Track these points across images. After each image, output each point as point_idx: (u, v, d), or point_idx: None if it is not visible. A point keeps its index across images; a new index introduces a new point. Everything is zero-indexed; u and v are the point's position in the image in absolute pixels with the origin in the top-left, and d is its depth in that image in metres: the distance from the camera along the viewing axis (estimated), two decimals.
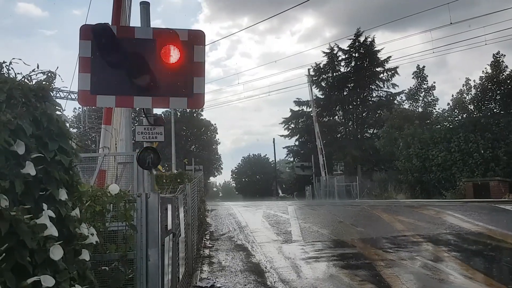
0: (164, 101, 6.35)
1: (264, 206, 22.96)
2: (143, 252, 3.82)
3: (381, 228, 13.69)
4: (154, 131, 6.98)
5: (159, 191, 9.40)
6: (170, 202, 5.10)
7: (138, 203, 3.89)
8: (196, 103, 6.45)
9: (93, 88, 5.83)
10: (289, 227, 14.45)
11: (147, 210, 3.91)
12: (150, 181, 6.86)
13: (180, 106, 6.91)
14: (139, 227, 3.85)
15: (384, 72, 45.00)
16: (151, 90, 6.16)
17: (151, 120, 6.90)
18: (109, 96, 5.97)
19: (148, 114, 6.86)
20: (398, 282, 7.81)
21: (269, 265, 9.47)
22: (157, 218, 3.93)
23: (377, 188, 32.68)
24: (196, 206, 12.03)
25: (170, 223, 4.85)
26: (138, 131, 6.90)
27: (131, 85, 6.05)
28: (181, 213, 6.97)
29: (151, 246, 3.85)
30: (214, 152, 61.32)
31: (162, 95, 6.24)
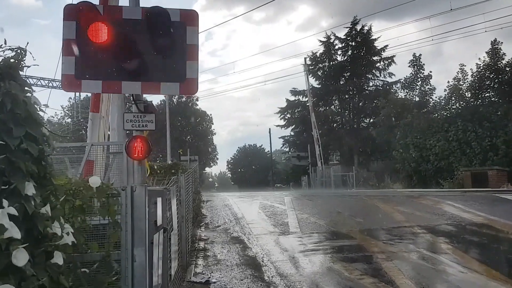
0: (154, 86, 5.97)
1: (260, 196, 22.65)
2: (128, 251, 3.45)
3: (380, 219, 13.40)
4: (144, 118, 6.57)
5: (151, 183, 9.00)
6: (160, 195, 4.73)
7: (123, 197, 3.51)
8: (189, 89, 6.05)
9: (78, 72, 5.44)
10: (286, 218, 14.14)
11: (133, 205, 3.53)
12: (140, 173, 6.48)
13: (172, 92, 6.50)
14: (123, 224, 3.47)
15: (380, 61, 44.54)
16: (140, 75, 5.77)
17: (141, 107, 6.49)
18: (95, 81, 5.58)
19: (138, 101, 6.44)
20: (400, 275, 7.50)
21: (266, 258, 9.15)
22: (144, 214, 3.54)
23: (374, 178, 32.46)
24: (190, 197, 11.67)
25: (160, 218, 4.48)
26: (127, 118, 6.48)
27: (119, 69, 5.66)
28: (174, 206, 6.60)
29: (137, 245, 3.47)
30: (210, 142, 60.83)
31: (152, 80, 5.86)
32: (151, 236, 3.81)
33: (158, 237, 4.26)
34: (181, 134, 54.93)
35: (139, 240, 3.47)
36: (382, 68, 44.68)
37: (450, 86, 33.10)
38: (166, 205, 5.17)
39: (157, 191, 4.50)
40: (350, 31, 43.57)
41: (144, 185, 3.55)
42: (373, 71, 44.67)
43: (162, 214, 4.78)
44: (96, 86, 5.71)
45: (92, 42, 5.28)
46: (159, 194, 4.50)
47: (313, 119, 38.93)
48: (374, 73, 44.75)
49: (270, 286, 7.23)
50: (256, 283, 7.40)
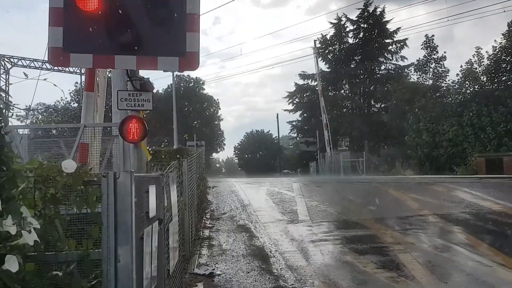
0: (151, 61, 5.36)
1: (267, 183, 22.11)
2: (110, 250, 2.87)
3: (394, 207, 12.79)
4: (141, 97, 5.98)
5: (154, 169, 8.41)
6: (154, 183, 4.14)
7: (104, 185, 2.91)
8: (190, 64, 5.42)
9: (66, 44, 4.84)
10: (295, 205, 13.57)
11: (116, 195, 2.93)
12: (136, 157, 5.91)
13: (170, 68, 5.87)
14: (105, 218, 2.88)
15: (393, 44, 43.33)
16: (135, 48, 5.15)
17: (136, 84, 5.88)
18: (85, 55, 5.00)
19: (133, 78, 5.84)
20: (419, 269, 6.92)
21: (274, 248, 8.61)
22: (129, 205, 2.95)
23: (384, 164, 31.70)
24: (195, 183, 11.13)
25: (153, 208, 3.89)
26: (121, 97, 5.89)
27: (112, 41, 5.06)
28: (174, 193, 6.02)
29: (121, 243, 2.89)
30: (217, 128, 60.24)
31: (148, 54, 5.25)
32: (140, 230, 3.23)
33: (151, 230, 3.68)
34: (188, 119, 54.38)
35: (123, 236, 2.88)
36: (394, 51, 43.52)
37: (464, 70, 31.96)
38: (162, 193, 4.59)
39: (149, 178, 3.90)
40: (362, 13, 42.28)
41: (130, 172, 2.94)
42: (385, 54, 43.47)
43: (157, 203, 4.21)
44: (86, 60, 5.14)
45: (81, 11, 4.77)
46: (152, 181, 3.91)
47: (322, 103, 38.04)
48: (386, 56, 43.58)
49: (279, 279, 6.69)
50: (264, 276, 6.86)
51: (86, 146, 8.67)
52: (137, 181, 3.38)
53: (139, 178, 3.55)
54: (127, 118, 5.49)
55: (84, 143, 8.62)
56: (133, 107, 5.80)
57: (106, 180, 2.93)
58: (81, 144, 8.64)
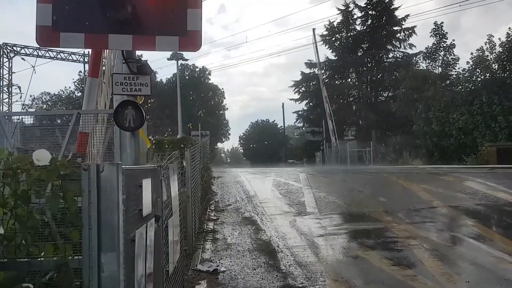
0: (148, 41, 4.92)
1: (273, 173, 21.67)
2: (93, 258, 2.41)
3: (406, 199, 12.29)
4: (138, 81, 5.49)
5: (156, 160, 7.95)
6: (151, 175, 3.68)
7: (84, 180, 2.44)
8: (191, 44, 4.95)
9: (56, 23, 4.44)
10: (302, 197, 13.12)
11: (100, 191, 2.46)
12: (133, 147, 5.44)
13: (169, 48, 5.38)
14: (85, 219, 2.42)
15: (401, 31, 42.34)
16: (131, 27, 4.72)
17: (133, 67, 5.39)
18: (77, 34, 4.59)
19: (130, 59, 5.35)
20: (439, 267, 6.44)
21: (281, 243, 8.17)
22: (115, 204, 2.48)
23: (392, 154, 31.11)
24: (198, 174, 10.69)
25: (148, 205, 3.43)
26: (116, 81, 5.40)
27: (106, 19, 4.64)
28: (175, 186, 5.56)
29: (106, 249, 2.43)
30: (222, 117, 59.69)
31: (146, 33, 4.82)
32: (130, 232, 2.78)
33: (145, 230, 3.22)
34: (192, 108, 53.88)
35: (109, 240, 2.43)
36: (402, 39, 42.56)
37: (475, 58, 31.09)
38: (160, 187, 4.14)
39: (144, 171, 3.43)
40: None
41: (117, 164, 2.47)
42: (393, 42, 42.53)
43: (154, 199, 3.75)
44: (77, 40, 4.70)
45: None
46: (147, 174, 3.44)
47: (324, 93, 37.45)
48: (394, 44, 42.65)
49: (288, 277, 6.25)
50: (271, 274, 6.42)
51: (85, 136, 8.20)
52: (128, 174, 2.91)
53: (130, 171, 3.09)
54: (122, 104, 5.02)
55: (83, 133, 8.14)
56: (130, 92, 5.32)
57: (87, 174, 2.46)
58: (80, 133, 8.17)
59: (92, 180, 2.46)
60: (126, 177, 2.82)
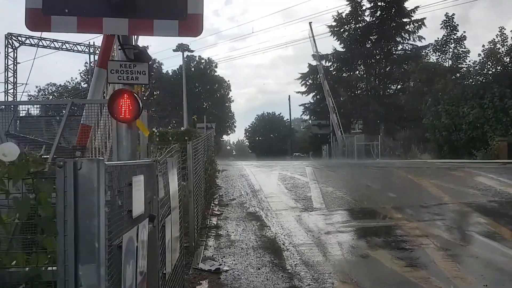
0: (146, 25, 4.61)
1: (279, 166, 21.30)
2: (69, 269, 2.07)
3: (417, 195, 11.88)
4: (135, 69, 5.15)
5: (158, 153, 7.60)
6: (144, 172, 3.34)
7: (59, 178, 2.09)
8: (192, 28, 4.63)
9: (46, 5, 4.15)
10: (309, 192, 12.76)
11: (77, 192, 2.11)
12: (130, 140, 5.11)
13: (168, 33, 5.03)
14: (60, 224, 2.08)
15: (410, 23, 41.53)
16: (127, 9, 4.40)
17: (130, 54, 5.05)
18: (68, 17, 4.29)
19: (126, 45, 5.01)
20: (454, 269, 6.09)
21: (287, 240, 7.83)
22: (96, 206, 2.14)
23: (400, 148, 30.58)
24: (202, 168, 10.35)
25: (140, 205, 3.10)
26: (112, 68, 5.06)
27: (100, 1, 4.33)
28: (174, 182, 5.22)
29: (84, 259, 2.09)
30: (228, 110, 59.31)
31: (143, 16, 4.50)
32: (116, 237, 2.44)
33: (135, 234, 2.88)
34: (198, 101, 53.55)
35: (88, 249, 2.08)
36: (411, 31, 41.76)
37: (486, 50, 30.35)
38: (155, 184, 3.79)
39: (134, 167, 3.07)
40: None
41: (98, 160, 2.12)
42: (402, 34, 41.74)
43: (147, 197, 3.42)
44: (69, 24, 4.41)
45: None
46: (140, 170, 3.09)
47: (326, 87, 37.10)
48: (403, 36, 41.85)
49: (294, 278, 5.92)
50: (276, 274, 6.10)
51: (87, 128, 7.86)
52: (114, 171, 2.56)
53: (118, 167, 2.74)
54: (117, 93, 4.67)
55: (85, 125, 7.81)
56: (126, 81, 4.98)
57: (62, 171, 2.11)
58: (83, 125, 7.84)
59: (68, 179, 2.11)
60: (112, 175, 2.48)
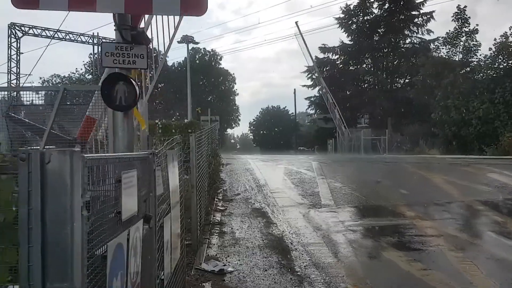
0: (144, 3, 4.16)
1: (284, 160, 20.85)
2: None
3: (429, 191, 11.39)
4: (132, 52, 4.68)
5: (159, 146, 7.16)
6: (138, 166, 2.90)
7: (23, 175, 1.66)
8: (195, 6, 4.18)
9: None
10: (316, 187, 12.31)
11: (45, 191, 1.67)
12: (126, 131, 4.66)
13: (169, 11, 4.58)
14: (23, 232, 1.65)
15: (419, 16, 40.70)
16: None
17: (126, 35, 4.58)
18: None
19: (123, 26, 4.55)
20: (476, 272, 5.62)
21: (295, 239, 7.39)
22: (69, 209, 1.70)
23: (408, 143, 30.00)
24: (205, 161, 9.92)
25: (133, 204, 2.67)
26: (106, 51, 4.60)
27: None
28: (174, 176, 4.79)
29: (53, 277, 1.67)
30: (232, 103, 58.75)
31: None
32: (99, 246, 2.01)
33: (125, 239, 2.44)
34: (203, 93, 53.04)
35: (58, 265, 1.65)
36: (420, 24, 40.91)
37: (497, 44, 29.60)
38: (151, 180, 3.35)
39: (126, 161, 2.63)
40: None
41: (72, 151, 1.68)
42: (410, 27, 40.94)
43: (141, 195, 2.98)
44: (59, 1, 3.93)
45: None
46: (130, 165, 2.65)
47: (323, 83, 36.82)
48: (411, 29, 41.03)
49: (304, 281, 5.49)
50: (285, 277, 5.66)
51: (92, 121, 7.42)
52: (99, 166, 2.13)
53: (103, 161, 2.29)
54: (111, 78, 4.22)
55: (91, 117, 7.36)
56: (122, 65, 4.52)
57: (26, 165, 1.67)
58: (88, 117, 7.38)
59: (33, 175, 1.67)
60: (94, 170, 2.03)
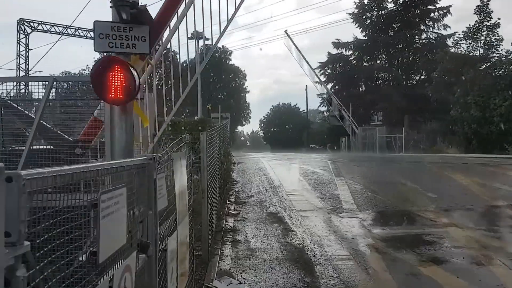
0: None
1: (298, 159, 20.01)
2: None
3: (460, 195, 10.47)
4: (131, 33, 3.92)
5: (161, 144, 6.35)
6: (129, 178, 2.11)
7: None
8: None
9: None
10: (336, 189, 11.45)
11: None
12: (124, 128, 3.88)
13: None
14: None
15: (435, 11, 39.39)
16: None
17: (125, 13, 3.82)
18: None
19: (121, 2, 3.80)
20: None
21: (318, 250, 6.56)
22: None
23: (425, 141, 28.89)
24: (217, 162, 9.14)
25: (118, 236, 1.86)
26: (100, 32, 3.83)
27: None
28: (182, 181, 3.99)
29: None
30: (243, 100, 57.93)
31: None
32: None
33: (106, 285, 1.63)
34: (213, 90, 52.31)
35: None
36: (436, 18, 39.61)
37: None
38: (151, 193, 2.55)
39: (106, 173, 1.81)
40: None
41: None
42: (426, 22, 39.65)
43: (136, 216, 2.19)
44: None
45: None
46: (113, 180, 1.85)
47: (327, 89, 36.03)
48: (427, 24, 39.75)
49: None
50: None
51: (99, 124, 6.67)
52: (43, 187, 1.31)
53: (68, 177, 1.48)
54: (104, 62, 3.44)
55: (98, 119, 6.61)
56: (119, 49, 3.75)
57: None
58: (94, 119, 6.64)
59: None
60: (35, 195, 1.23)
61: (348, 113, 36.42)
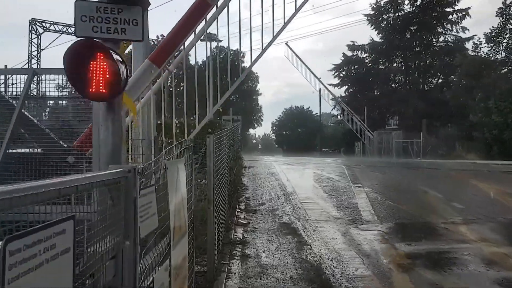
0: None
1: (311, 164, 19.28)
2: None
3: (488, 205, 9.66)
4: (120, 16, 3.27)
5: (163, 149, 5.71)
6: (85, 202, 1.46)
7: None
8: None
9: None
10: (353, 198, 10.71)
11: None
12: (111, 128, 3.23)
13: None
14: None
15: (453, 13, 38.29)
16: None
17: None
18: None
19: None
20: None
21: (337, 269, 5.86)
22: None
23: (444, 147, 27.86)
24: (226, 168, 8.50)
25: None
26: (83, 14, 3.20)
27: None
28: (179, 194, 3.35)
29: None
30: (255, 102, 57.29)
31: None
32: None
33: None
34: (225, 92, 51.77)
35: None
36: (454, 21, 38.49)
37: None
38: (130, 216, 1.91)
39: (31, 201, 1.14)
40: None
41: None
42: (444, 24, 38.57)
43: (97, 259, 1.55)
44: None
45: None
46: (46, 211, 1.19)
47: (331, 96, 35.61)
48: (445, 27, 38.66)
49: None
50: None
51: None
52: None
53: None
54: (81, 47, 2.81)
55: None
56: (105, 34, 3.10)
57: None
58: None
59: None
60: None
61: (361, 118, 35.59)
